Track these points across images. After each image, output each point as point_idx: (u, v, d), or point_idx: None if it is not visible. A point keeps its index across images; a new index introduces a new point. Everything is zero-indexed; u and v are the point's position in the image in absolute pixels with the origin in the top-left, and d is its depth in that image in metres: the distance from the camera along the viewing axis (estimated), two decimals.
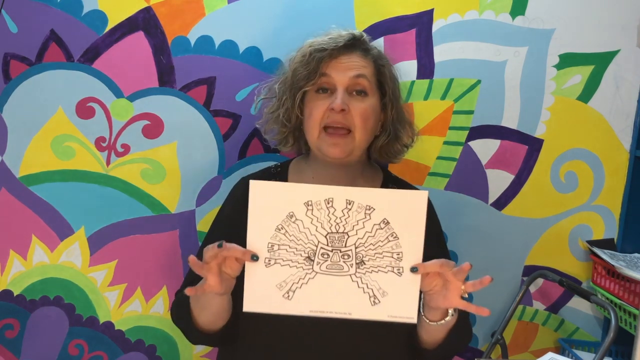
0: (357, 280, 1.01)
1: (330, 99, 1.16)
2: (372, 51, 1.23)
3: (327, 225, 0.99)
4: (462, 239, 1.63)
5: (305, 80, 1.17)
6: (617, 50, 1.60)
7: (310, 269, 1.00)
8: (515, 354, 1.69)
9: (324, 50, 1.16)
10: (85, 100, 1.50)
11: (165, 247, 1.53)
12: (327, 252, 1.00)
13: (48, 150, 1.50)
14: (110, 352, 1.57)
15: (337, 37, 1.19)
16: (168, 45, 1.50)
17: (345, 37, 1.19)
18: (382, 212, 0.99)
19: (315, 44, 1.19)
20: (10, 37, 1.46)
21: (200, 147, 1.54)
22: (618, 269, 1.44)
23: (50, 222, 1.52)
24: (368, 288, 1.01)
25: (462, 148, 1.60)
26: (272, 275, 1.00)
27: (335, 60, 1.17)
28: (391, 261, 1.00)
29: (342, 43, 1.17)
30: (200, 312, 1.12)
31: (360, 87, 1.17)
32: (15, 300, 1.53)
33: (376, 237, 1.00)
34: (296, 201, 0.99)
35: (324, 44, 1.18)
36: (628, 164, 1.63)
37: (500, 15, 1.57)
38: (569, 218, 1.64)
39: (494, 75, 1.58)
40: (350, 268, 1.00)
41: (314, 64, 1.16)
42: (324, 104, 1.16)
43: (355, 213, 0.99)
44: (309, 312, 1.01)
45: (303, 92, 1.19)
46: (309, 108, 1.18)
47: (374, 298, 1.01)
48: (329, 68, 1.17)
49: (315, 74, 1.16)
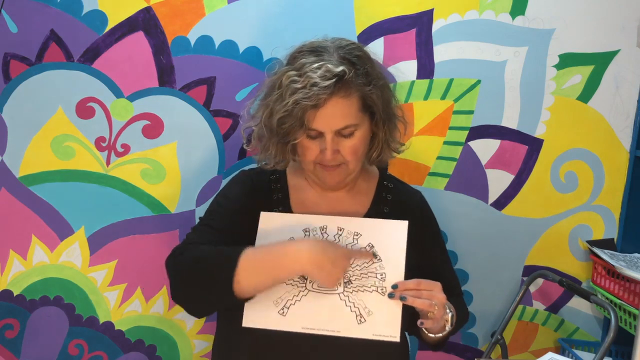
0: (345, 299, 1.10)
1: (319, 141, 1.14)
2: (358, 80, 1.12)
3: None
4: (462, 239, 1.63)
5: (290, 135, 1.13)
6: (617, 50, 1.60)
7: (304, 287, 1.10)
8: (515, 354, 1.69)
9: (306, 105, 1.08)
10: (85, 100, 1.50)
11: (165, 247, 1.52)
12: None
13: (48, 150, 1.50)
14: (110, 352, 1.57)
15: (318, 85, 1.08)
16: (168, 45, 1.50)
17: (330, 87, 1.08)
18: (368, 237, 1.14)
19: (295, 91, 1.08)
20: (10, 37, 1.46)
21: (200, 147, 1.54)
22: (618, 269, 1.44)
23: (50, 222, 1.52)
24: (355, 307, 1.09)
25: (462, 148, 1.60)
26: (270, 292, 1.09)
27: (320, 111, 1.10)
28: (375, 281, 1.10)
29: (325, 96, 1.09)
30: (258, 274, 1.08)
31: (348, 132, 1.15)
32: (15, 300, 1.53)
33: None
34: (296, 228, 1.14)
35: (305, 99, 1.08)
36: (628, 164, 1.63)
37: (500, 15, 1.57)
38: (569, 218, 1.65)
39: (494, 75, 1.58)
40: (338, 287, 1.10)
41: (298, 118, 1.10)
42: (314, 147, 1.14)
43: (345, 238, 1.14)
44: (301, 329, 1.08)
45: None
46: (300, 149, 1.16)
47: (360, 317, 1.09)
48: (315, 122, 1.11)
49: (301, 128, 1.11)
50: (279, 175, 1.26)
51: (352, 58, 1.13)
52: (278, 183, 1.26)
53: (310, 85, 1.08)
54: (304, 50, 1.15)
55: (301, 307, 1.09)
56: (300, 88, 1.09)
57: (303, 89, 1.08)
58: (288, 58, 1.17)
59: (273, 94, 1.13)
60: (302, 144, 1.15)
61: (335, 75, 1.09)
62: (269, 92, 1.16)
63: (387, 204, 1.26)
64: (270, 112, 1.14)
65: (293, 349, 1.13)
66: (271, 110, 1.14)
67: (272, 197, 1.24)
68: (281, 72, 1.14)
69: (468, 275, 1.65)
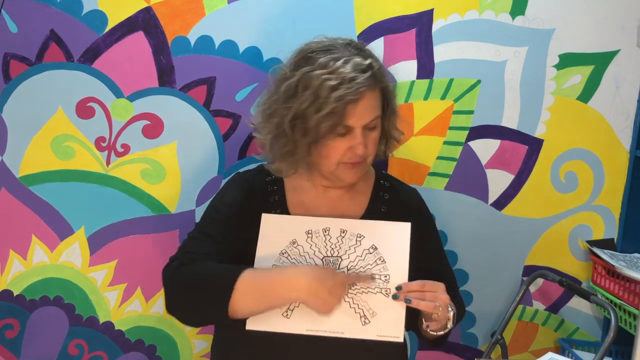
0: (349, 301, 1.10)
1: (347, 140, 1.13)
2: (382, 73, 1.15)
3: (324, 250, 1.13)
4: (462, 239, 1.63)
5: (329, 133, 1.11)
6: (617, 50, 1.60)
7: None
8: (515, 354, 1.69)
9: (349, 100, 1.08)
10: (85, 100, 1.50)
11: (165, 247, 1.53)
12: None
13: (48, 150, 1.50)
14: (110, 352, 1.57)
15: (357, 80, 1.08)
16: (168, 45, 1.50)
17: (367, 80, 1.09)
18: (371, 239, 1.14)
19: (335, 88, 1.07)
20: (10, 37, 1.46)
21: (200, 147, 1.54)
22: (618, 269, 1.44)
23: (50, 222, 1.52)
24: (359, 308, 1.09)
25: (462, 148, 1.60)
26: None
27: (357, 106, 1.10)
28: (379, 283, 1.11)
29: (365, 89, 1.09)
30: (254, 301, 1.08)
31: (373, 125, 1.16)
32: (15, 300, 1.53)
33: (365, 260, 1.13)
34: (299, 230, 1.14)
35: (348, 94, 1.07)
36: (628, 164, 1.63)
37: (500, 15, 1.57)
38: (569, 218, 1.65)
39: (494, 75, 1.58)
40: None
41: (338, 116, 1.09)
42: (342, 146, 1.13)
43: (348, 240, 1.14)
44: (305, 331, 1.09)
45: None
46: (326, 150, 1.14)
47: (364, 318, 1.09)
48: (351, 117, 1.10)
49: (339, 126, 1.10)
50: (275, 177, 1.25)
51: (366, 51, 1.16)
52: (275, 185, 1.25)
53: (349, 80, 1.08)
54: (316, 49, 1.13)
55: (305, 310, 1.08)
56: (339, 84, 1.08)
57: (342, 85, 1.07)
58: (297, 60, 1.14)
59: (300, 96, 1.10)
60: (329, 145, 1.13)
61: (369, 67, 1.11)
62: (288, 95, 1.12)
63: (385, 203, 1.26)
64: (297, 112, 1.11)
65: (291, 349, 1.13)
66: (301, 110, 1.10)
67: (269, 199, 1.23)
68: (301, 73, 1.11)
69: (468, 275, 1.65)
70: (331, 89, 1.07)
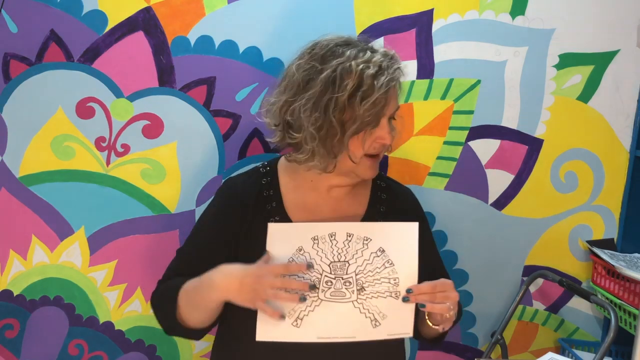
0: (359, 307, 1.09)
1: (373, 130, 1.13)
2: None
3: (331, 255, 1.10)
4: (462, 239, 1.63)
5: (375, 121, 1.11)
6: (617, 50, 1.60)
7: (316, 296, 1.08)
8: (515, 354, 1.69)
9: (393, 82, 1.12)
10: (85, 100, 1.50)
11: (165, 247, 1.53)
12: (330, 279, 1.09)
13: (48, 150, 1.50)
14: (110, 352, 1.57)
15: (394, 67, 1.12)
16: (168, 45, 1.50)
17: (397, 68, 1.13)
18: (378, 242, 1.11)
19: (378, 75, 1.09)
20: (10, 37, 1.46)
21: (200, 147, 1.54)
22: (618, 269, 1.44)
23: (50, 222, 1.52)
24: (369, 313, 1.09)
25: (462, 148, 1.60)
26: (282, 304, 1.06)
27: (391, 92, 1.13)
28: (389, 286, 1.09)
29: (400, 74, 1.14)
30: (193, 311, 1.13)
31: (396, 114, 1.18)
32: (15, 300, 1.53)
33: (374, 264, 1.10)
34: (305, 237, 1.10)
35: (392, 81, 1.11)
36: (628, 164, 1.63)
37: (500, 15, 1.57)
38: (569, 218, 1.65)
39: (494, 75, 1.58)
40: (352, 295, 1.09)
41: (380, 105, 1.10)
42: (371, 137, 1.14)
43: (354, 244, 1.11)
44: (317, 338, 1.08)
45: None
46: (356, 142, 1.13)
47: (375, 321, 1.09)
48: (387, 107, 1.12)
49: (381, 115, 1.12)
50: (271, 179, 1.23)
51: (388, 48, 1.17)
52: (270, 189, 1.22)
53: (386, 67, 1.11)
54: (339, 43, 1.13)
55: (315, 317, 1.07)
56: (381, 71, 1.10)
57: (383, 72, 1.10)
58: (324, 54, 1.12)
59: (342, 87, 1.08)
60: (359, 136, 1.13)
61: (393, 55, 1.14)
62: (326, 87, 1.09)
63: (383, 204, 1.26)
64: (342, 105, 1.09)
65: (289, 348, 1.12)
66: (346, 103, 1.09)
67: (265, 206, 1.20)
68: (336, 64, 1.09)
69: (468, 276, 1.64)
70: (374, 76, 1.09)
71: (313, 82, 1.11)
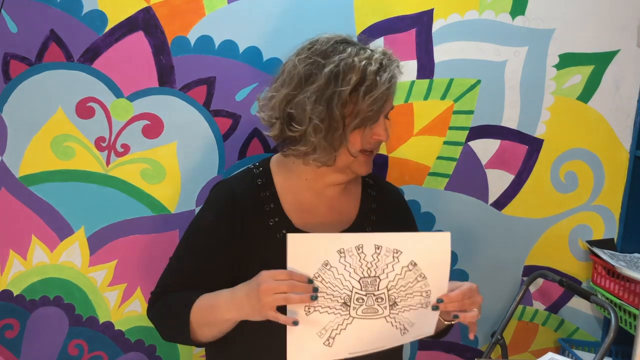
0: (391, 320, 1.06)
1: (370, 126, 1.14)
2: None
3: (360, 270, 1.03)
4: (462, 239, 1.63)
5: (376, 116, 1.13)
6: (617, 50, 1.60)
7: (348, 314, 1.04)
8: (515, 354, 1.69)
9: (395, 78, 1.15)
10: (85, 100, 1.50)
11: (165, 247, 1.52)
12: (361, 296, 1.04)
13: (48, 150, 1.50)
14: (110, 352, 1.57)
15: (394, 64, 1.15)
16: (168, 45, 1.50)
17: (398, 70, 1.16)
18: (409, 254, 1.05)
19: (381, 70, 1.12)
20: (10, 37, 1.46)
21: (200, 147, 1.54)
22: (618, 269, 1.44)
23: (50, 222, 1.52)
24: (400, 324, 1.07)
25: (462, 148, 1.60)
26: (312, 324, 1.03)
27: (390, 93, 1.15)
28: (421, 299, 1.07)
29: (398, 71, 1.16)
30: (206, 328, 1.13)
31: (391, 112, 1.19)
32: (15, 300, 1.53)
33: (406, 278, 1.05)
34: (330, 250, 1.02)
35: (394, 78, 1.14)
36: (628, 164, 1.63)
37: (500, 15, 1.57)
38: (569, 218, 1.65)
39: (494, 75, 1.58)
40: (384, 310, 1.05)
41: (382, 101, 1.12)
42: (368, 133, 1.15)
43: (384, 257, 1.04)
44: (349, 354, 1.05)
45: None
46: (355, 136, 1.14)
47: (403, 330, 1.08)
48: (386, 106, 1.15)
49: (383, 111, 1.14)
50: (266, 180, 1.22)
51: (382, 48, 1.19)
52: (267, 190, 1.21)
53: (387, 64, 1.13)
54: (338, 40, 1.15)
55: (347, 335, 1.04)
56: (382, 68, 1.12)
57: (385, 69, 1.12)
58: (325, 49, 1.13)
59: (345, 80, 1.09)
60: (357, 131, 1.14)
61: (392, 55, 1.16)
62: (330, 80, 1.10)
63: (374, 201, 1.28)
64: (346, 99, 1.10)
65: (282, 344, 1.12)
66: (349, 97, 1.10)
67: (263, 207, 1.19)
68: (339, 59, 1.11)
69: (468, 275, 1.64)
70: (375, 73, 1.11)
71: (316, 76, 1.12)
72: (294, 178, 1.23)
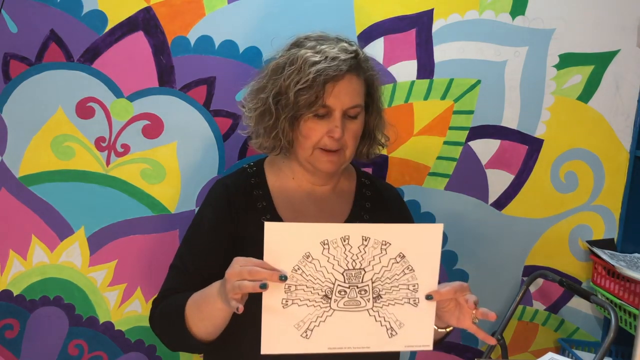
0: (375, 314, 1.02)
1: (326, 122, 1.15)
2: (367, 64, 1.19)
3: (344, 263, 1.00)
4: (462, 239, 1.63)
5: (306, 108, 1.13)
6: (617, 50, 1.60)
7: (328, 307, 1.00)
8: (515, 354, 1.69)
9: (328, 75, 1.11)
10: (85, 100, 1.50)
11: (165, 247, 1.53)
12: (344, 288, 1.00)
13: (48, 150, 1.50)
14: (110, 352, 1.57)
15: (339, 58, 1.12)
16: (168, 45, 1.50)
17: (349, 61, 1.13)
18: (398, 246, 1.00)
19: (317, 63, 1.11)
20: (10, 37, 1.46)
21: (200, 147, 1.54)
22: (618, 269, 1.44)
23: (50, 222, 1.52)
24: (385, 321, 1.02)
25: (462, 148, 1.60)
26: (290, 316, 0.99)
27: (336, 86, 1.13)
28: (407, 293, 1.02)
29: (346, 68, 1.13)
30: (200, 322, 1.11)
31: (355, 113, 1.17)
32: (15, 300, 1.53)
33: (392, 270, 1.01)
34: (312, 241, 0.98)
35: (329, 69, 1.11)
36: (628, 164, 1.63)
37: (500, 15, 1.57)
38: (569, 218, 1.65)
39: (494, 75, 1.58)
40: (367, 303, 1.01)
41: (316, 91, 1.11)
42: (320, 129, 1.15)
43: (371, 249, 1.00)
44: (328, 349, 1.01)
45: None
46: (306, 130, 1.15)
47: (391, 330, 1.03)
48: (330, 97, 1.13)
49: (317, 103, 1.12)
50: (259, 179, 1.24)
51: (355, 44, 1.19)
52: (259, 189, 1.23)
53: (331, 58, 1.12)
54: (309, 37, 1.18)
55: (327, 328, 1.00)
56: (321, 60, 1.12)
57: (324, 61, 1.12)
58: (289, 45, 1.19)
59: (285, 71, 1.14)
60: (308, 125, 1.15)
61: (353, 52, 1.15)
62: (275, 71, 1.17)
63: (368, 200, 1.27)
64: (281, 88, 1.15)
65: None
66: (284, 86, 1.14)
67: (256, 205, 1.20)
68: (290, 54, 1.15)
69: (468, 275, 1.64)
70: (311, 63, 1.12)
71: (267, 68, 1.19)
72: (283, 176, 1.25)
